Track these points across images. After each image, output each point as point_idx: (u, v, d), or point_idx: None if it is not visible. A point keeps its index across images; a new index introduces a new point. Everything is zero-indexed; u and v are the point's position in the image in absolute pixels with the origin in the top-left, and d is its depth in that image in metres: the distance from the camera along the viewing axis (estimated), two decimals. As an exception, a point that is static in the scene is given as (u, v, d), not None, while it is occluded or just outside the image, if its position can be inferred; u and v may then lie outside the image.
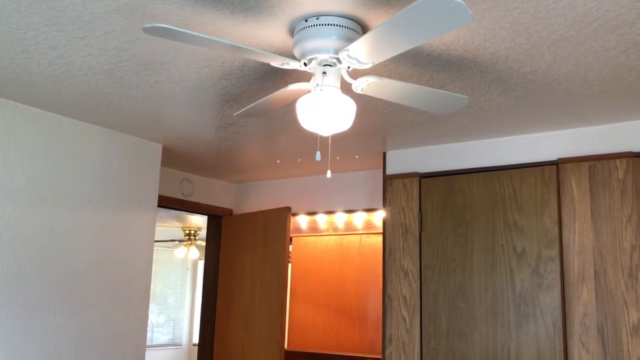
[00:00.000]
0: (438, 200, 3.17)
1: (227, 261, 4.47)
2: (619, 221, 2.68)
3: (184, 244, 7.90)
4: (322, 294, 4.72)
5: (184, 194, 4.16)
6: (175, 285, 10.09)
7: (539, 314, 2.78)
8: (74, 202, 2.91)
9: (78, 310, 2.88)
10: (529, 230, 2.88)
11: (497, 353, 2.84)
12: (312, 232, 4.71)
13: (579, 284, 2.73)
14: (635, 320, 2.58)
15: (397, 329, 3.16)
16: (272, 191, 4.50)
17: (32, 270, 2.71)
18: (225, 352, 4.30)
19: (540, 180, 2.90)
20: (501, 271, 2.91)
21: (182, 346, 9.89)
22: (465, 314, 2.97)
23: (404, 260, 3.22)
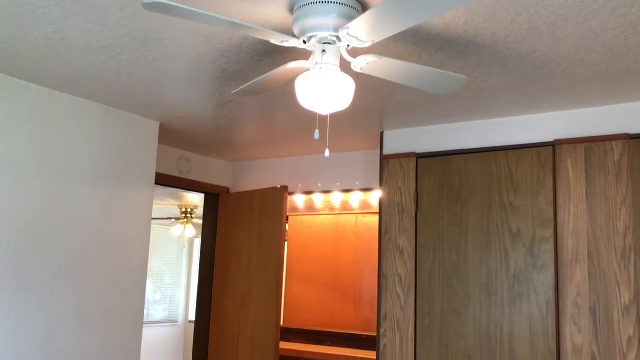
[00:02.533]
0: (434, 180, 3.18)
1: (223, 239, 4.50)
2: (614, 203, 2.70)
3: (180, 221, 7.93)
4: (318, 273, 4.76)
5: (181, 172, 4.17)
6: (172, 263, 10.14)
7: (532, 293, 2.82)
8: (71, 178, 2.92)
9: (76, 286, 2.90)
10: (524, 210, 2.90)
11: (491, 331, 2.89)
12: (308, 211, 4.73)
13: (573, 264, 2.76)
14: (627, 300, 2.61)
15: (392, 307, 3.20)
16: (269, 170, 4.51)
17: (30, 246, 2.72)
18: (221, 329, 4.34)
19: (536, 161, 2.91)
20: (496, 251, 2.94)
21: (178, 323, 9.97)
22: (459, 292, 3.01)
23: (399, 240, 3.25)
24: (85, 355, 2.92)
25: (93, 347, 2.96)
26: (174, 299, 10.02)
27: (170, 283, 9.94)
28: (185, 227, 7.88)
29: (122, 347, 3.11)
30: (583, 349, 2.67)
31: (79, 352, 2.89)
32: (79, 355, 2.89)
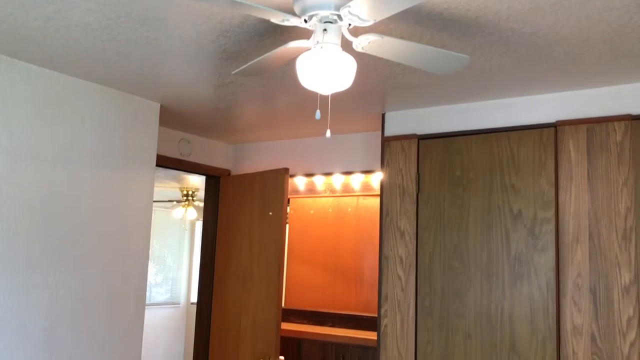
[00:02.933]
0: (436, 161, 3.18)
1: (225, 221, 4.51)
2: (615, 184, 2.70)
3: (182, 204, 7.94)
4: (319, 254, 4.78)
5: (182, 154, 4.17)
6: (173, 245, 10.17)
7: (533, 274, 2.83)
8: (72, 160, 2.91)
9: (78, 268, 2.91)
10: (526, 192, 2.90)
11: (491, 312, 2.90)
12: (309, 193, 4.73)
13: (574, 245, 2.76)
14: (627, 280, 2.62)
15: (392, 287, 3.21)
16: (270, 152, 4.51)
17: (32, 227, 2.73)
18: (223, 310, 4.37)
19: (538, 142, 2.90)
20: (497, 232, 2.94)
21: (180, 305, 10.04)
22: (460, 274, 3.02)
23: (400, 221, 3.25)
24: (87, 335, 2.94)
25: (95, 328, 2.98)
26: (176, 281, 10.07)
27: (172, 265, 9.99)
28: (186, 210, 7.89)
29: (124, 328, 3.13)
30: (583, 329, 2.69)
31: (82, 333, 2.91)
32: (81, 335, 2.91)
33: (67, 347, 2.84)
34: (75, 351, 2.88)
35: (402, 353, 3.12)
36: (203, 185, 4.78)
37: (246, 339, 4.08)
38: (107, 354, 3.03)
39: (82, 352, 2.91)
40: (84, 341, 2.92)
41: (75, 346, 2.88)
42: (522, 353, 2.79)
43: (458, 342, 2.96)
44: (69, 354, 2.85)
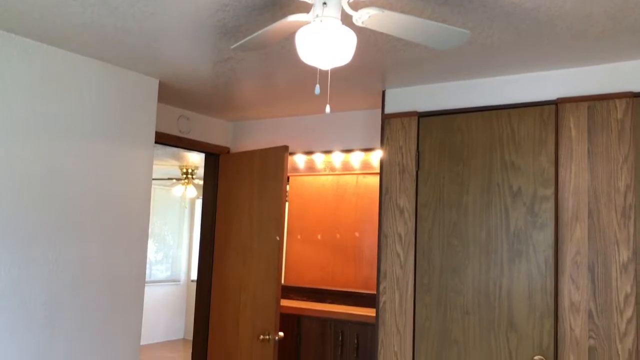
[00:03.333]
0: (436, 139, 3.17)
1: (224, 199, 4.51)
2: (615, 161, 2.69)
3: (181, 182, 7.94)
4: (318, 232, 4.79)
5: (181, 131, 4.15)
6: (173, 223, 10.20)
7: (531, 251, 2.84)
8: (70, 136, 2.90)
9: (77, 244, 2.92)
10: (526, 169, 2.89)
11: (489, 289, 2.91)
12: (309, 171, 4.73)
13: (573, 223, 2.77)
14: (626, 258, 2.63)
15: (391, 265, 3.23)
16: (269, 130, 4.49)
17: (31, 203, 2.73)
18: (223, 287, 4.39)
19: (538, 120, 2.89)
20: (496, 210, 2.94)
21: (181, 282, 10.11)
22: (459, 251, 3.03)
23: (400, 199, 3.25)
24: (88, 311, 2.96)
25: (96, 304, 3.00)
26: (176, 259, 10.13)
27: (172, 244, 10.03)
28: (186, 188, 7.90)
29: (124, 304, 3.15)
30: (580, 306, 2.70)
31: (82, 308, 2.93)
32: (82, 311, 2.93)
33: (67, 322, 2.86)
34: (76, 326, 2.90)
35: (400, 329, 3.14)
36: (202, 163, 4.77)
37: (246, 315, 4.11)
38: (108, 329, 3.06)
39: (83, 327, 2.93)
40: (85, 316, 2.94)
41: (76, 321, 2.90)
42: (519, 329, 2.81)
43: (456, 318, 2.98)
44: (69, 329, 2.87)
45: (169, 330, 9.72)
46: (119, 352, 3.11)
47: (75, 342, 2.90)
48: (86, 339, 2.95)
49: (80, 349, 2.92)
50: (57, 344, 2.82)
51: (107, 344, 3.05)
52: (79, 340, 2.92)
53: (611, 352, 2.61)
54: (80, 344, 2.92)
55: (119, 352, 3.11)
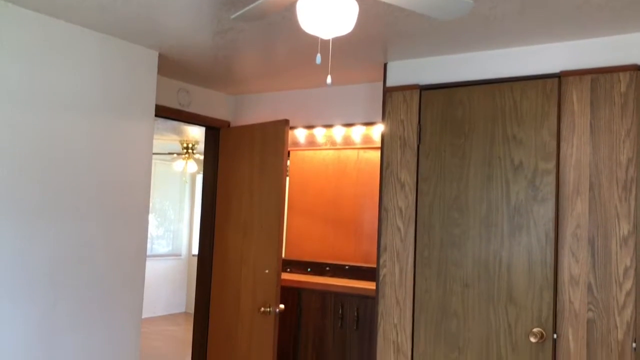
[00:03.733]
0: (438, 112, 3.15)
1: (225, 173, 4.50)
2: (618, 135, 2.68)
3: (182, 157, 7.93)
4: (319, 207, 4.80)
5: (181, 104, 4.13)
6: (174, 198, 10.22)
7: (532, 225, 2.84)
8: (70, 109, 2.89)
9: (78, 218, 2.92)
10: (527, 143, 2.88)
11: (489, 262, 2.92)
12: (309, 146, 4.71)
13: (574, 196, 2.76)
14: (626, 232, 2.63)
15: (392, 238, 3.23)
16: (270, 104, 4.47)
17: (32, 174, 2.72)
18: (224, 261, 4.42)
19: (541, 93, 2.87)
20: (497, 183, 2.94)
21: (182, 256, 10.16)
22: (459, 225, 3.03)
23: (401, 173, 3.24)
24: (90, 283, 2.97)
25: (97, 277, 3.01)
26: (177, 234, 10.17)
27: (173, 218, 10.07)
28: (186, 163, 7.89)
29: (126, 277, 3.16)
30: (580, 279, 2.72)
31: (84, 281, 2.95)
32: (84, 283, 2.95)
33: (70, 295, 2.88)
34: (78, 299, 2.92)
35: (400, 302, 3.16)
36: (203, 138, 4.76)
37: (247, 288, 4.14)
38: (110, 302, 3.07)
39: (85, 300, 2.95)
40: (87, 289, 2.96)
41: (78, 294, 2.92)
42: (519, 302, 2.83)
43: (456, 291, 3.00)
44: (72, 301, 2.89)
45: (170, 304, 9.81)
46: (121, 324, 3.14)
47: (78, 314, 2.92)
48: (88, 312, 2.97)
49: (83, 321, 2.95)
50: (60, 316, 2.84)
51: (109, 316, 3.07)
52: (82, 313, 2.94)
53: (609, 324, 2.63)
54: (82, 317, 2.94)
55: (120, 324, 3.14)
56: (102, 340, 3.04)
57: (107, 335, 3.06)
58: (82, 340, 2.94)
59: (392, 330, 3.17)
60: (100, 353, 3.02)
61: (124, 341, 3.16)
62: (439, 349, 3.02)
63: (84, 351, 2.95)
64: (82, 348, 2.94)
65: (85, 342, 2.96)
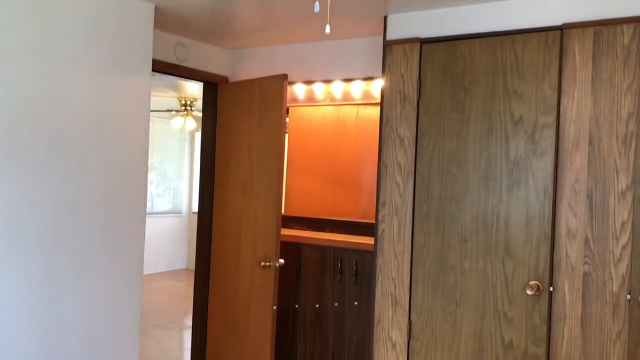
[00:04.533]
0: (438, 66, 3.11)
1: (224, 130, 4.49)
2: (619, 88, 2.66)
3: (180, 114, 7.89)
4: (318, 164, 4.80)
5: (178, 59, 4.07)
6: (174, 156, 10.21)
7: (530, 179, 2.84)
8: (65, 63, 2.85)
9: (77, 172, 2.92)
10: (528, 97, 2.86)
11: (487, 216, 2.94)
12: (309, 102, 4.68)
13: (573, 150, 2.76)
14: (624, 186, 2.64)
15: (390, 194, 3.24)
16: (268, 58, 4.41)
17: (29, 131, 2.71)
18: (224, 218, 4.44)
19: (543, 46, 2.83)
20: (496, 138, 2.93)
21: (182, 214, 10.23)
22: (458, 179, 3.03)
23: (400, 128, 3.23)
24: (91, 239, 2.99)
25: (98, 232, 3.03)
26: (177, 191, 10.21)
27: (172, 176, 10.09)
28: (185, 120, 7.85)
29: (126, 234, 3.18)
30: (577, 233, 2.74)
31: (84, 236, 2.97)
32: (84, 239, 2.97)
33: (71, 250, 2.90)
34: (79, 254, 2.95)
35: (398, 256, 3.19)
36: (201, 94, 4.72)
37: (247, 244, 4.17)
38: (111, 257, 3.10)
39: (86, 255, 2.98)
40: (88, 245, 2.98)
41: (79, 250, 2.94)
42: (516, 256, 2.86)
43: (453, 245, 3.02)
44: (72, 257, 2.92)
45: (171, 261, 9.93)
46: (123, 279, 3.18)
47: (79, 270, 2.95)
48: (90, 267, 3.00)
49: (84, 277, 2.98)
50: (62, 268, 2.87)
51: (110, 272, 3.10)
52: (83, 265, 2.97)
53: (605, 277, 2.67)
54: (84, 268, 2.97)
55: (122, 279, 3.17)
56: (104, 293, 3.08)
57: (109, 288, 3.10)
58: (84, 292, 2.98)
59: (390, 284, 3.21)
60: (102, 306, 3.07)
61: (126, 294, 3.20)
62: (436, 302, 3.06)
63: (86, 303, 2.99)
64: (84, 300, 2.98)
65: (87, 294, 3.00)
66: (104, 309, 3.08)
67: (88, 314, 3.00)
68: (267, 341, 3.94)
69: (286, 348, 4.37)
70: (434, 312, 3.07)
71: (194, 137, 9.97)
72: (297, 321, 4.33)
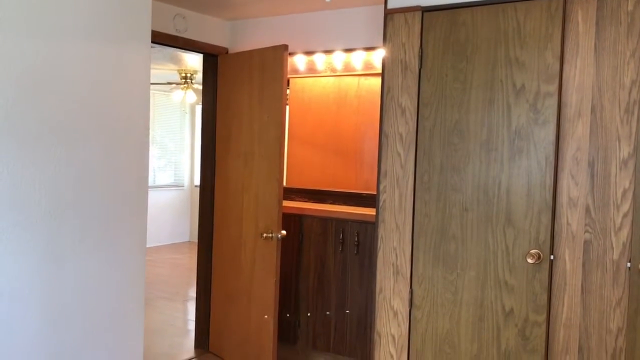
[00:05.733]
0: (440, 35, 3.08)
1: (224, 102, 4.47)
2: (622, 56, 2.63)
3: (181, 87, 7.85)
4: (319, 136, 4.79)
5: (178, 30, 4.04)
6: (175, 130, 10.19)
7: (532, 149, 2.84)
8: (63, 34, 2.82)
9: (78, 144, 2.92)
10: (530, 65, 2.83)
11: (488, 186, 2.94)
12: (309, 73, 4.65)
13: (575, 119, 2.75)
14: (626, 154, 2.63)
15: (392, 164, 3.24)
16: (268, 29, 4.37)
17: (28, 104, 2.70)
18: (225, 190, 4.45)
19: (546, 13, 2.79)
20: (498, 107, 2.91)
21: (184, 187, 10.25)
22: (459, 149, 3.03)
23: (401, 98, 3.21)
24: (93, 212, 3.00)
25: (100, 206, 3.04)
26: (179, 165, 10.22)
27: (174, 150, 10.09)
28: (185, 93, 7.82)
29: (129, 206, 3.18)
30: (578, 201, 2.74)
31: (87, 209, 2.97)
32: (87, 212, 2.98)
33: (73, 224, 2.91)
34: (82, 227, 2.96)
35: (400, 226, 3.21)
36: (201, 67, 4.69)
37: (249, 215, 4.19)
38: (114, 230, 3.11)
39: (89, 228, 2.99)
40: (90, 218, 2.99)
41: (82, 223, 2.95)
42: (517, 225, 2.87)
43: (455, 215, 3.03)
44: (75, 230, 2.93)
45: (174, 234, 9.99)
46: (126, 251, 3.19)
47: (83, 242, 2.97)
48: (93, 240, 3.02)
49: (88, 248, 3.00)
50: (66, 241, 2.88)
51: (113, 243, 3.12)
52: (87, 241, 2.98)
53: (605, 245, 2.68)
54: (87, 244, 2.99)
55: (125, 251, 3.19)
56: (108, 265, 3.10)
57: (112, 260, 3.12)
58: (89, 263, 3.00)
59: (391, 253, 3.24)
60: (106, 278, 3.10)
61: (130, 266, 3.22)
62: (438, 271, 3.09)
63: (91, 276, 3.02)
64: (89, 273, 3.01)
65: (92, 266, 3.02)
66: (108, 280, 3.11)
67: (92, 286, 3.03)
68: (270, 311, 3.99)
69: (289, 318, 4.42)
70: (435, 281, 3.10)
71: (194, 111, 9.94)
72: (299, 291, 4.38)
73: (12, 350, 2.70)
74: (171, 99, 8.56)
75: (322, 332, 4.30)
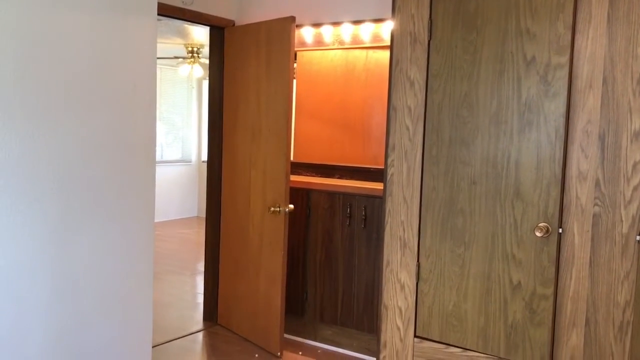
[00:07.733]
0: (449, 6, 3.03)
1: (231, 76, 4.44)
2: (636, 25, 2.58)
3: (187, 61, 7.81)
4: (327, 110, 4.76)
5: (184, 2, 4.00)
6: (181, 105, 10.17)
7: (542, 121, 2.80)
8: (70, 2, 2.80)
9: (85, 116, 2.91)
10: (541, 36, 2.78)
11: (497, 159, 2.92)
12: (317, 46, 4.60)
13: (586, 91, 2.71)
14: (638, 126, 2.60)
15: (400, 138, 3.22)
16: (275, 0, 4.32)
17: (35, 78, 2.69)
18: (233, 165, 4.45)
19: (558, -18, 2.74)
20: (508, 79, 2.88)
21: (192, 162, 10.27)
22: (468, 122, 3.00)
23: (410, 71, 3.18)
24: (101, 185, 3.01)
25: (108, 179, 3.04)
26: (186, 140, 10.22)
27: (181, 125, 10.08)
28: (192, 67, 7.78)
29: (137, 180, 3.19)
30: (588, 175, 2.72)
31: (95, 183, 2.98)
32: (95, 185, 2.98)
33: (82, 198, 2.93)
34: (91, 201, 2.97)
35: (407, 200, 3.20)
36: (208, 42, 4.65)
37: (257, 190, 4.19)
38: (122, 204, 3.12)
39: (97, 201, 3.00)
40: (99, 191, 3.00)
41: (91, 196, 2.97)
42: (526, 198, 2.85)
43: (463, 188, 3.02)
44: (84, 203, 2.94)
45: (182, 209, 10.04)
46: (135, 224, 3.21)
47: (92, 216, 2.98)
48: (102, 213, 3.03)
49: (97, 222, 3.01)
50: (75, 215, 2.90)
51: (122, 218, 3.13)
52: (96, 215, 3.00)
53: (615, 218, 2.66)
54: (96, 218, 3.00)
55: (134, 224, 3.21)
56: (117, 238, 3.12)
57: (122, 233, 3.14)
58: (98, 237, 3.02)
59: (399, 227, 3.23)
60: (115, 251, 3.12)
61: (139, 239, 3.24)
62: (445, 244, 3.09)
63: (100, 249, 3.04)
64: (98, 245, 3.03)
65: (101, 239, 3.04)
66: (117, 254, 3.13)
67: (102, 259, 3.06)
68: (277, 285, 4.01)
69: (296, 291, 4.45)
70: (442, 254, 3.10)
71: (201, 85, 9.90)
72: (307, 265, 4.40)
73: (22, 322, 2.73)
74: (178, 73, 8.53)
75: (329, 304, 4.32)
